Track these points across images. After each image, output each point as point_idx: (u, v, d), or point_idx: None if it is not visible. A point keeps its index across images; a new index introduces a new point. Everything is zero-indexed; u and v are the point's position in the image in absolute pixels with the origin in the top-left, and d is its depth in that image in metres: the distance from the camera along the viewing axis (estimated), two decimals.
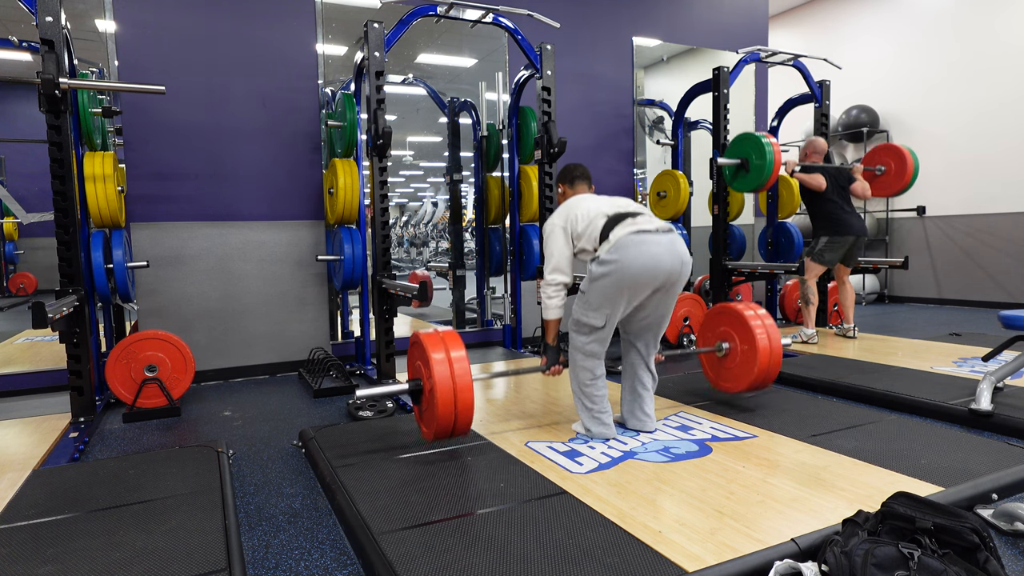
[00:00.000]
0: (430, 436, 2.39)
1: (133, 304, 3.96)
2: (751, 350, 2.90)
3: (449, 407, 2.28)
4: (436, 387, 2.26)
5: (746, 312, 2.95)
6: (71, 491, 2.17)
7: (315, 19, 4.46)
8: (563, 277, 2.61)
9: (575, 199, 2.72)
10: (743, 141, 4.52)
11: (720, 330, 3.09)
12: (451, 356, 2.30)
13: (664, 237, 2.47)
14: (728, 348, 3.03)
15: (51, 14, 2.97)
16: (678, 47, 6.09)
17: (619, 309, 2.49)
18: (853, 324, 4.91)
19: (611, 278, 2.43)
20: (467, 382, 2.29)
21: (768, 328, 2.91)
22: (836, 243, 4.70)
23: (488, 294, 5.42)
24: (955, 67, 7.14)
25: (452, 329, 2.45)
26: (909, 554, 1.42)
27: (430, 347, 2.32)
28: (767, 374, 2.92)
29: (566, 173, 2.93)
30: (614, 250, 2.43)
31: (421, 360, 2.41)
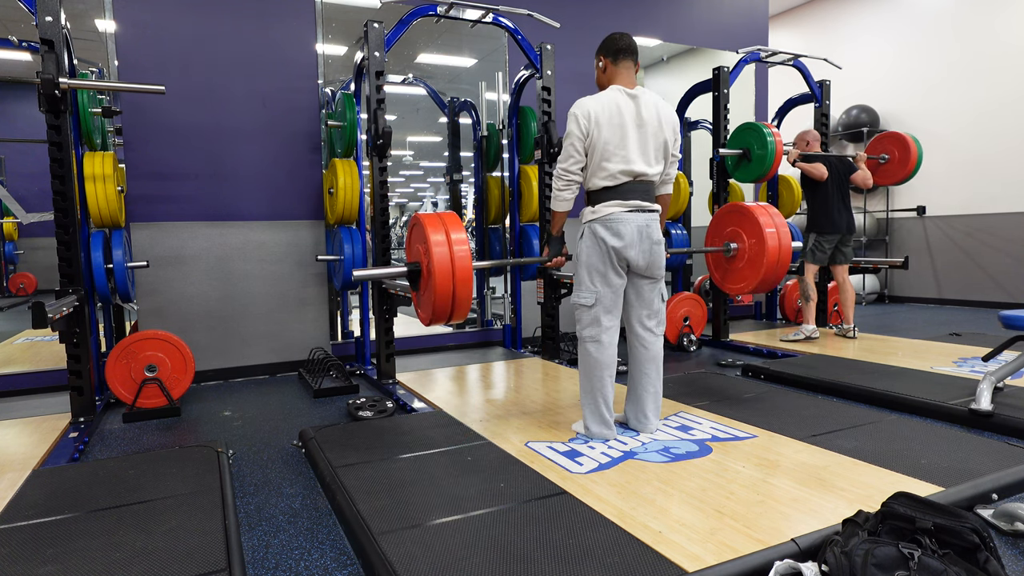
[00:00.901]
0: (426, 320, 2.33)
1: (133, 304, 3.96)
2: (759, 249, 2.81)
3: (447, 287, 2.22)
4: (434, 267, 2.20)
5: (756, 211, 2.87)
6: (71, 491, 2.17)
7: (315, 19, 4.46)
8: (576, 178, 2.60)
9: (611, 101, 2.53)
10: (745, 131, 4.52)
11: (729, 230, 3.00)
12: (451, 238, 2.25)
13: (640, 216, 2.55)
14: (736, 248, 2.95)
15: (51, 14, 2.97)
16: (678, 47, 6.09)
17: (607, 283, 2.56)
18: (853, 324, 4.92)
19: (589, 252, 2.56)
20: (466, 264, 2.24)
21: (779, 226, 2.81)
22: (823, 240, 4.77)
23: (488, 294, 5.42)
24: (955, 67, 7.15)
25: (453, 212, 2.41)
26: (909, 554, 1.42)
27: (430, 228, 2.26)
28: (775, 274, 2.83)
29: (610, 45, 2.64)
30: (592, 226, 2.55)
31: (420, 242, 2.34)
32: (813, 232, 4.80)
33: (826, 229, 4.75)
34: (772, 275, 2.83)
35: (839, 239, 4.81)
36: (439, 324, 2.35)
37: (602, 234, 2.53)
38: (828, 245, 4.79)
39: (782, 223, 2.84)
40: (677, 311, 4.82)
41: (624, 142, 2.53)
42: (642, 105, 2.56)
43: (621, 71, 2.66)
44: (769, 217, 2.84)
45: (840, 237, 4.81)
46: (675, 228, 5.11)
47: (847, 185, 4.84)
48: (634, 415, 2.72)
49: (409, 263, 2.44)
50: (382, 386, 3.72)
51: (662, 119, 2.59)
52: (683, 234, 5.13)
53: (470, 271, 2.26)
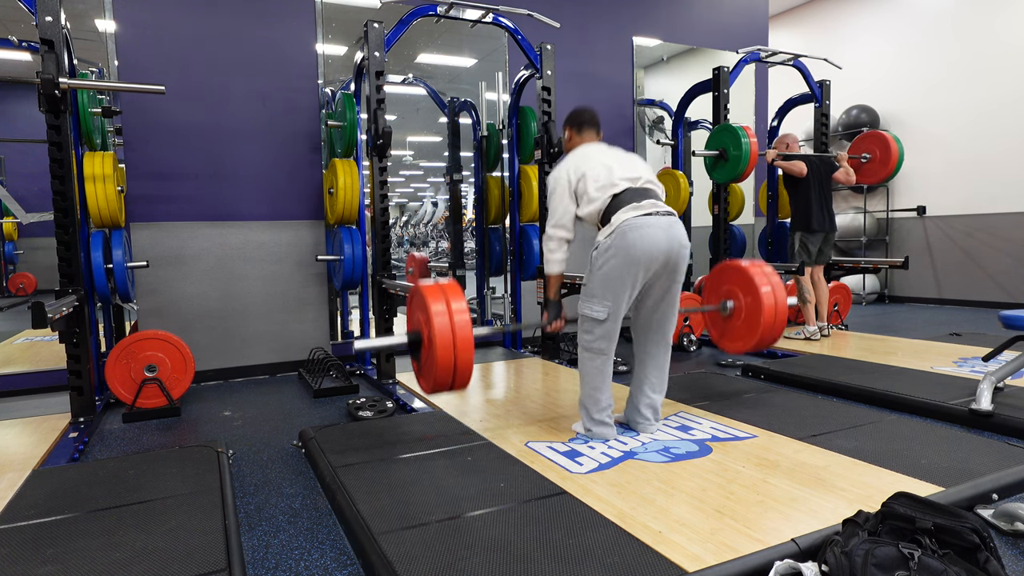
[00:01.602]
0: (428, 389, 2.33)
1: (133, 304, 3.96)
2: (756, 309, 2.82)
3: (448, 358, 2.21)
4: (435, 338, 2.19)
5: (752, 270, 2.87)
6: (71, 491, 2.17)
7: (315, 19, 4.46)
8: (565, 233, 2.60)
9: (583, 151, 2.66)
10: (721, 133, 4.61)
11: (725, 288, 3.00)
12: (451, 307, 2.25)
13: (664, 220, 2.48)
14: (732, 307, 2.95)
15: (51, 14, 2.97)
16: (678, 47, 6.09)
17: (622, 298, 2.47)
18: (827, 323, 5.01)
19: (611, 263, 2.44)
20: (467, 335, 2.23)
21: (775, 286, 2.82)
22: (808, 240, 4.83)
23: (488, 294, 5.42)
24: (955, 67, 7.15)
25: (453, 280, 2.40)
26: (909, 554, 1.42)
27: (430, 298, 2.26)
28: (772, 333, 2.84)
29: (575, 117, 2.80)
30: (614, 236, 2.44)
31: (421, 311, 2.34)
32: (798, 232, 4.87)
33: (810, 227, 4.82)
34: (769, 334, 2.85)
35: (824, 237, 4.87)
36: (441, 392, 2.34)
37: (624, 243, 2.41)
38: (813, 246, 4.84)
39: (778, 282, 2.87)
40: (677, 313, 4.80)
41: (606, 161, 2.59)
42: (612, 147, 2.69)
43: (586, 139, 2.77)
44: (764, 276, 2.86)
45: (825, 235, 4.87)
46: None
47: (829, 184, 4.92)
48: (634, 415, 2.71)
49: (409, 332, 2.44)
50: (382, 386, 3.72)
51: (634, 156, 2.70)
52: None
53: (471, 340, 2.25)
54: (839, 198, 8.20)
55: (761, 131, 6.35)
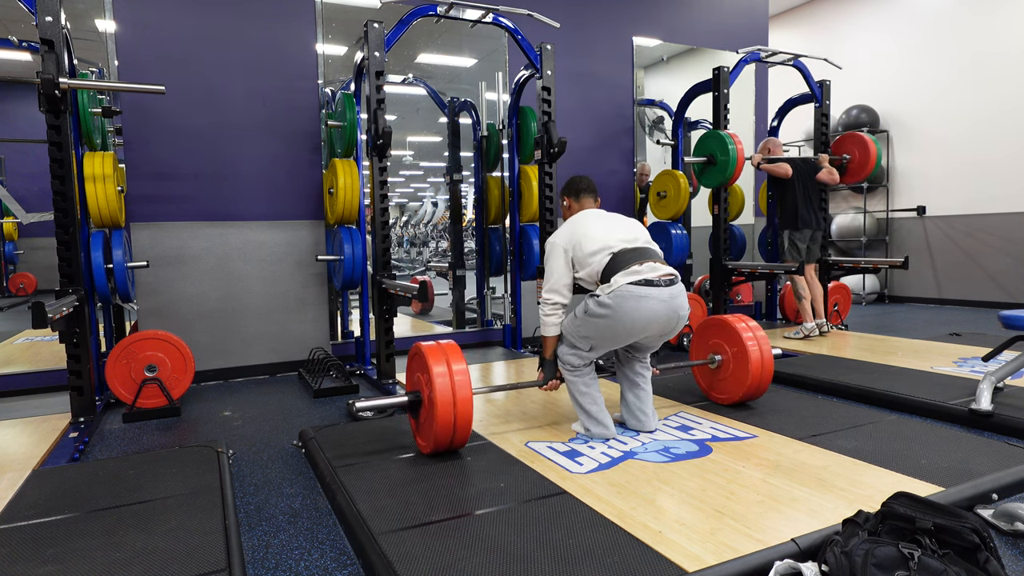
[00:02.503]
0: (427, 450, 2.39)
1: (133, 304, 3.96)
2: (742, 362, 2.93)
3: (448, 424, 2.28)
4: (436, 403, 2.25)
5: (737, 325, 2.98)
6: (71, 491, 2.17)
7: (315, 19, 4.46)
8: (560, 298, 2.63)
9: (581, 217, 2.70)
10: (708, 139, 4.70)
11: (712, 342, 3.11)
12: (452, 368, 2.30)
13: (666, 291, 2.45)
14: (720, 360, 3.05)
15: (51, 14, 2.97)
16: (678, 47, 6.09)
17: (606, 347, 2.57)
18: (826, 321, 5.06)
19: (604, 322, 2.46)
20: (467, 396, 2.29)
21: (759, 340, 2.94)
22: (798, 236, 4.92)
23: (488, 294, 5.42)
24: (955, 67, 7.15)
25: (452, 342, 2.43)
26: (909, 554, 1.42)
27: (431, 359, 2.31)
28: (759, 385, 2.95)
29: (571, 186, 2.87)
30: (613, 296, 2.42)
31: (421, 372, 2.40)
32: (785, 230, 4.96)
33: (796, 225, 4.91)
34: (756, 386, 2.95)
35: (811, 234, 4.95)
36: (439, 451, 2.38)
37: (623, 309, 2.39)
38: (802, 243, 4.93)
39: (763, 336, 2.97)
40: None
41: (603, 223, 2.64)
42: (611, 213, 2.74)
43: (584, 206, 2.82)
44: (750, 330, 2.97)
45: (812, 233, 4.96)
46: (675, 228, 5.11)
47: (814, 184, 5.02)
48: (632, 414, 2.72)
49: (409, 392, 2.47)
50: (382, 386, 3.72)
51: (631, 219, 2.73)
52: (683, 234, 5.13)
53: (470, 401, 2.30)
54: (839, 198, 8.20)
55: (761, 131, 6.35)
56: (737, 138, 4.58)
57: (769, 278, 5.46)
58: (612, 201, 5.61)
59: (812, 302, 5.01)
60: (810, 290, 4.99)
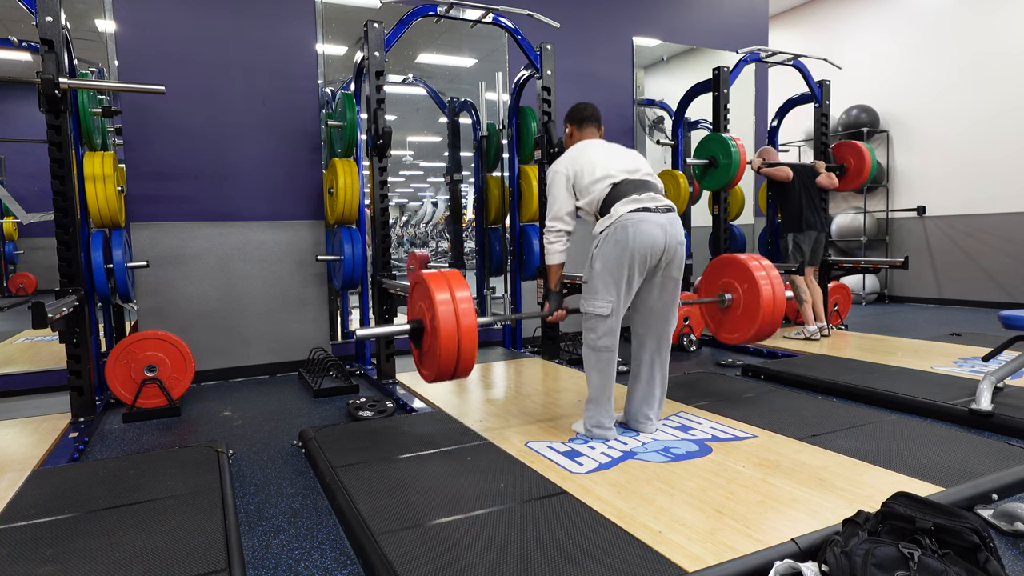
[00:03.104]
0: (430, 378, 2.32)
1: (133, 304, 3.96)
2: (754, 300, 2.84)
3: (452, 347, 2.20)
4: (439, 326, 2.17)
5: (750, 263, 2.90)
6: (71, 491, 2.17)
7: (315, 19, 4.46)
8: (564, 225, 2.61)
9: (582, 145, 2.67)
10: (710, 142, 4.69)
11: (722, 281, 3.02)
12: (455, 296, 2.24)
13: (663, 216, 2.50)
14: (731, 299, 2.97)
15: (51, 14, 2.97)
16: (678, 47, 6.09)
17: (621, 291, 2.49)
18: (827, 323, 5.05)
19: (609, 256, 2.46)
20: (471, 323, 2.22)
21: (772, 279, 2.85)
22: (801, 237, 4.91)
23: (488, 294, 5.42)
24: (955, 67, 7.15)
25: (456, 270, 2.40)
26: (909, 554, 1.42)
27: (434, 287, 2.25)
28: (771, 324, 2.86)
29: (576, 114, 2.81)
30: (612, 228, 2.46)
31: (423, 300, 2.32)
32: (789, 232, 4.95)
33: (800, 227, 4.90)
34: (767, 326, 2.88)
35: (816, 236, 4.94)
36: (442, 381, 2.33)
37: (623, 236, 2.44)
38: (806, 245, 4.91)
39: (776, 275, 2.89)
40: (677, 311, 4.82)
41: (606, 155, 2.61)
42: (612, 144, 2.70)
43: (586, 135, 2.79)
44: (763, 268, 2.89)
45: (817, 235, 4.94)
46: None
47: (814, 187, 5.01)
48: (635, 415, 2.71)
49: (411, 320, 2.42)
50: (382, 386, 3.72)
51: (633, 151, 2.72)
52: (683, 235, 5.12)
53: (475, 329, 2.23)
54: (839, 198, 8.20)
55: (761, 131, 6.36)
56: (740, 142, 4.57)
57: None
58: None
59: (813, 305, 5.00)
60: (811, 293, 4.99)
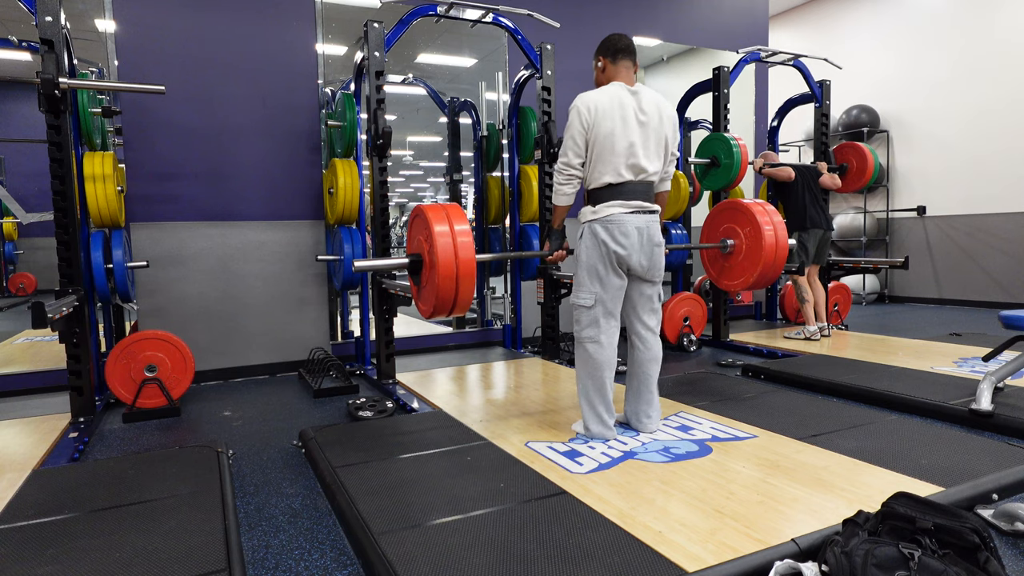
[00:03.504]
0: (427, 314, 2.31)
1: (133, 304, 3.96)
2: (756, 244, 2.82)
3: (450, 281, 2.18)
4: (438, 257, 2.15)
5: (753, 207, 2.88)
6: (71, 491, 2.17)
7: (315, 19, 4.46)
8: (576, 171, 2.59)
9: (612, 97, 2.53)
10: (712, 141, 4.69)
11: (725, 227, 3.00)
12: (454, 229, 2.21)
13: (640, 218, 2.55)
14: (732, 245, 2.95)
15: (51, 14, 2.97)
16: (678, 47, 6.09)
17: (606, 284, 2.55)
18: (827, 323, 5.03)
19: (590, 254, 2.54)
20: (470, 256, 2.20)
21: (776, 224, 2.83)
22: (807, 236, 4.88)
23: (488, 294, 5.42)
24: (955, 67, 7.15)
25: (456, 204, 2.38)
26: (909, 554, 1.42)
27: (433, 218, 2.23)
28: (773, 268, 2.84)
29: (609, 45, 2.65)
30: (593, 225, 2.53)
31: (422, 233, 2.30)
32: (795, 231, 4.91)
33: (805, 225, 4.88)
34: (769, 271, 2.85)
35: (822, 235, 4.92)
36: (440, 316, 2.31)
37: (602, 236, 2.52)
38: (811, 244, 4.89)
39: (779, 221, 2.88)
40: (677, 311, 4.82)
41: (626, 133, 2.52)
42: (643, 100, 2.56)
43: (621, 70, 2.65)
44: (766, 214, 2.86)
45: (823, 233, 4.92)
46: (675, 228, 5.11)
47: (817, 186, 5.00)
48: (635, 415, 2.72)
49: (410, 254, 2.40)
50: (382, 386, 3.72)
51: (663, 115, 2.60)
52: (683, 234, 5.13)
53: (473, 262, 2.21)
54: (840, 199, 8.20)
55: (761, 131, 6.36)
56: (742, 142, 4.57)
57: None
58: None
59: (815, 305, 4.99)
60: (812, 292, 4.98)
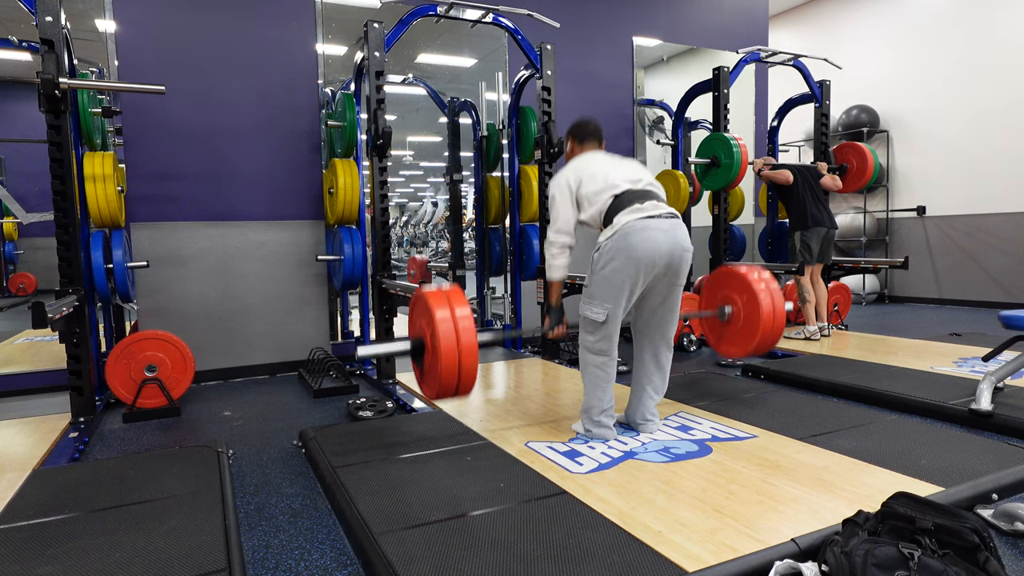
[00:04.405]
0: (431, 395, 2.33)
1: (133, 304, 3.96)
2: (754, 313, 2.83)
3: (453, 366, 2.21)
4: (440, 344, 2.18)
5: (749, 275, 2.89)
6: (71, 491, 2.17)
7: (315, 19, 4.46)
8: (567, 239, 2.60)
9: (585, 158, 2.68)
10: (712, 141, 4.69)
11: (722, 294, 3.02)
12: (455, 313, 2.24)
13: (666, 223, 2.47)
14: (731, 312, 2.96)
15: (51, 14, 2.97)
16: (678, 47, 6.09)
17: (621, 300, 2.47)
18: (827, 323, 5.00)
19: (612, 265, 2.44)
20: (472, 340, 2.22)
21: (772, 291, 2.85)
22: (810, 235, 4.84)
23: (488, 294, 5.42)
24: (955, 67, 7.14)
25: (456, 285, 2.40)
26: (909, 554, 1.42)
27: (434, 304, 2.25)
28: (771, 338, 2.86)
29: (577, 129, 2.82)
30: (618, 236, 2.43)
31: (424, 318, 2.33)
32: (797, 231, 4.90)
33: (807, 224, 4.85)
34: (768, 337, 2.88)
35: (825, 233, 4.88)
36: (444, 399, 2.34)
37: (626, 244, 2.41)
38: (814, 243, 4.85)
39: (775, 287, 2.89)
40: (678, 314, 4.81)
41: (611, 165, 2.61)
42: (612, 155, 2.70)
43: (587, 150, 2.78)
44: (762, 280, 2.89)
45: (826, 232, 4.88)
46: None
47: (818, 186, 4.97)
48: (635, 416, 2.72)
49: (412, 338, 2.43)
50: (382, 386, 3.72)
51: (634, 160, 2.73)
52: None
53: (475, 347, 2.24)
54: (840, 199, 8.20)
55: (761, 131, 6.36)
56: (742, 142, 4.56)
57: None
58: None
59: (816, 305, 4.96)
60: (815, 292, 4.94)
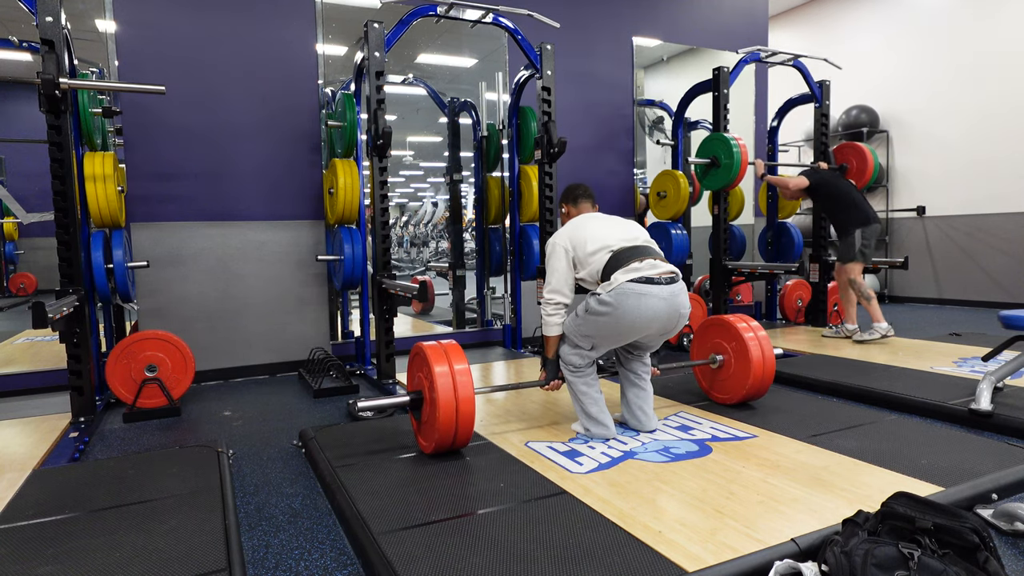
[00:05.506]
0: (429, 449, 2.39)
1: (133, 304, 3.96)
2: (744, 362, 2.93)
3: (450, 423, 2.28)
4: (439, 402, 2.25)
5: (738, 324, 2.98)
6: (71, 491, 2.17)
7: (315, 19, 4.46)
8: (562, 298, 2.63)
9: (581, 219, 2.73)
10: (712, 141, 4.68)
11: (713, 342, 3.11)
12: (453, 368, 2.30)
13: (666, 289, 2.47)
14: (721, 360, 3.05)
15: (51, 14, 2.97)
16: (678, 47, 6.09)
17: (607, 345, 2.60)
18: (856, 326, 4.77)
19: (606, 320, 2.47)
20: (469, 395, 2.29)
21: (760, 339, 2.93)
22: (869, 232, 4.66)
23: (488, 294, 5.42)
24: (955, 67, 7.15)
25: (454, 341, 2.44)
26: (909, 554, 1.42)
27: (432, 358, 2.32)
28: (761, 385, 2.95)
29: (568, 193, 2.92)
30: (614, 294, 2.43)
31: (422, 371, 2.40)
32: (857, 228, 4.64)
33: (868, 221, 4.65)
34: (759, 383, 2.94)
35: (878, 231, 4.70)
36: (441, 451, 2.39)
37: (624, 307, 2.41)
38: (872, 239, 4.66)
39: (763, 335, 2.96)
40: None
41: (608, 225, 2.66)
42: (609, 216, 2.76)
43: (582, 211, 2.85)
44: (750, 329, 2.96)
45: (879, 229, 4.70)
46: (675, 228, 5.11)
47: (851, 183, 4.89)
48: (632, 414, 2.72)
49: (411, 392, 2.47)
50: (382, 386, 3.72)
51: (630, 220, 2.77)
52: (683, 234, 5.13)
53: (472, 401, 2.30)
54: None
55: (761, 131, 6.36)
56: (743, 143, 4.55)
57: (769, 278, 5.45)
58: (612, 201, 5.60)
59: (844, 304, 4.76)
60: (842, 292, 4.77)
